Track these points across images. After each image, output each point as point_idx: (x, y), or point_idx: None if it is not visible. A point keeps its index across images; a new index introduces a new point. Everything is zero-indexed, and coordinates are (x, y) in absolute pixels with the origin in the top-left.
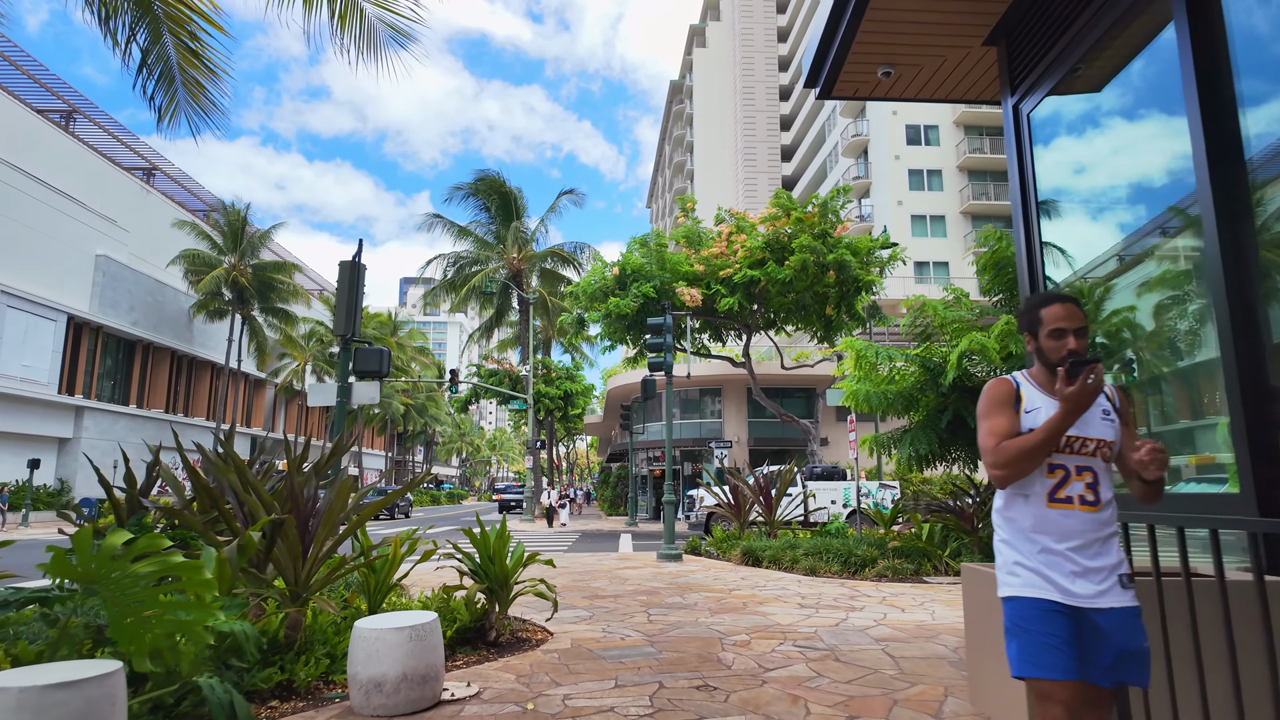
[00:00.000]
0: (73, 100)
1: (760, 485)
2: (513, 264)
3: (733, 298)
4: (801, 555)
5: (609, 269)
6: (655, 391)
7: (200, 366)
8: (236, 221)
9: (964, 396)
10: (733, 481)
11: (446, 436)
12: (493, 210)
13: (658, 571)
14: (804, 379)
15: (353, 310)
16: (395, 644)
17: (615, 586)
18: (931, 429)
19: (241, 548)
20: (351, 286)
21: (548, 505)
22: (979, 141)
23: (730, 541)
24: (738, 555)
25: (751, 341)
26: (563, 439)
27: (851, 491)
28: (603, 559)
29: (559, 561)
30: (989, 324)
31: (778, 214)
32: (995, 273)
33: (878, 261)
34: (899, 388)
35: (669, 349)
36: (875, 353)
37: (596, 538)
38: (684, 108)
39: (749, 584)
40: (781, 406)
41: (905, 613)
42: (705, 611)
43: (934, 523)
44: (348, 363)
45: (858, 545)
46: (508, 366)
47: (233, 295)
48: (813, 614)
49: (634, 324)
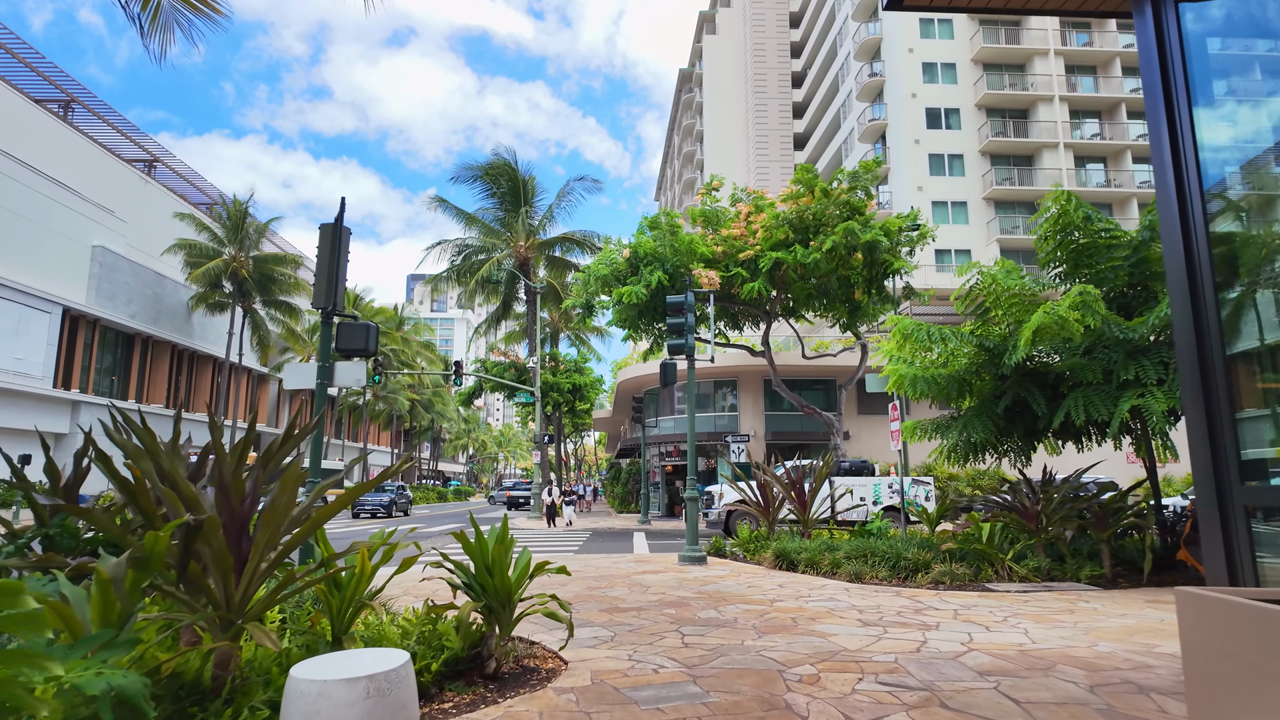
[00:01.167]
0: (72, 90)
1: (792, 480)
2: (520, 252)
3: (755, 282)
4: (843, 558)
5: (620, 251)
6: (674, 377)
7: (202, 361)
8: (237, 213)
9: (1026, 379)
10: (761, 477)
11: (454, 433)
12: (500, 196)
13: (682, 577)
14: (824, 370)
15: (334, 280)
16: (345, 703)
17: (637, 596)
18: (987, 415)
19: (139, 561)
20: (333, 253)
21: (549, 503)
22: (1002, 125)
23: (759, 542)
24: (769, 558)
25: (770, 329)
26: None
27: (883, 488)
28: (618, 561)
29: (570, 565)
30: (1048, 299)
31: (800, 191)
32: (1059, 240)
33: (907, 242)
34: (950, 371)
35: (690, 329)
36: (926, 333)
37: (608, 537)
38: (693, 96)
39: (790, 593)
40: (801, 399)
41: (992, 632)
42: (750, 630)
43: (994, 522)
44: (329, 339)
45: (906, 547)
46: (514, 358)
47: (234, 288)
48: (881, 635)
49: (645, 311)
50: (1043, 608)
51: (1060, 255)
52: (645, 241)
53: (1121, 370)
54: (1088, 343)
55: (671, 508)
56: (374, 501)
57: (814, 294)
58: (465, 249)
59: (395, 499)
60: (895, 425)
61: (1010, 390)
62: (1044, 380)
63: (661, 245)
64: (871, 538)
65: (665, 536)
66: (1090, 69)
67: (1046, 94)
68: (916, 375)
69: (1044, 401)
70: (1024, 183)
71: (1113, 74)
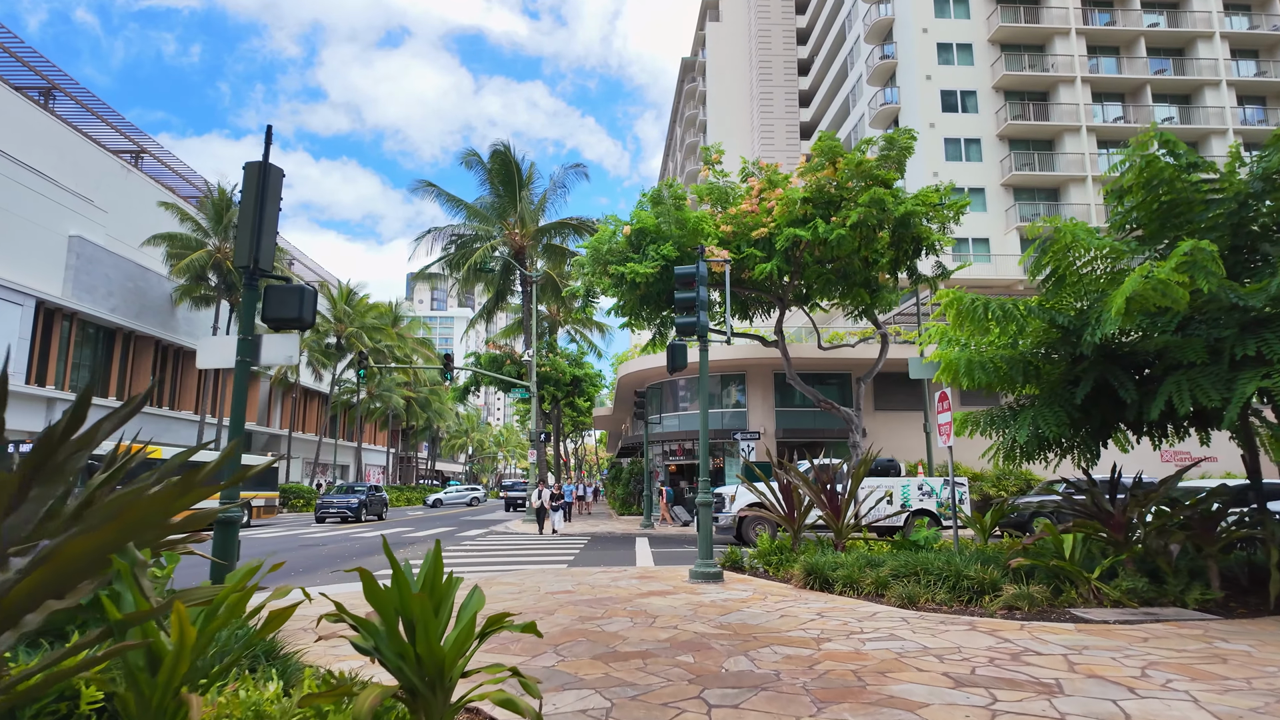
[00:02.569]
0: (55, 78)
1: (822, 481)
2: (515, 240)
3: (770, 263)
4: (889, 576)
5: (621, 228)
6: (684, 361)
7: (187, 357)
8: (221, 202)
9: (1108, 362)
10: (784, 477)
11: (451, 432)
12: (495, 182)
13: (697, 601)
14: (839, 363)
15: (258, 230)
16: None
17: (641, 633)
18: (1060, 405)
19: None
20: (258, 199)
21: (539, 506)
22: (1021, 108)
23: (783, 555)
24: (798, 574)
25: (784, 318)
26: (570, 433)
27: (912, 489)
28: (618, 578)
29: (560, 582)
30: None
31: (819, 163)
32: (1146, 194)
33: (940, 216)
34: (1015, 353)
35: (703, 305)
36: (985, 307)
37: (608, 543)
38: (696, 85)
39: (837, 625)
40: (817, 393)
41: (1144, 699)
42: (803, 698)
43: (1075, 532)
44: (253, 307)
45: (966, 563)
46: (509, 351)
47: (219, 281)
48: (991, 704)
49: (649, 297)
50: (1176, 651)
51: (1140, 215)
52: (646, 218)
53: (1237, 346)
54: (1181, 317)
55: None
56: (340, 503)
57: (832, 279)
58: (458, 238)
59: (367, 500)
60: (945, 418)
61: (1089, 375)
62: (1130, 363)
63: (665, 222)
64: (919, 550)
65: (670, 543)
66: (1113, 49)
67: (1067, 75)
68: (972, 359)
69: (1133, 387)
70: (1044, 168)
71: (1136, 54)
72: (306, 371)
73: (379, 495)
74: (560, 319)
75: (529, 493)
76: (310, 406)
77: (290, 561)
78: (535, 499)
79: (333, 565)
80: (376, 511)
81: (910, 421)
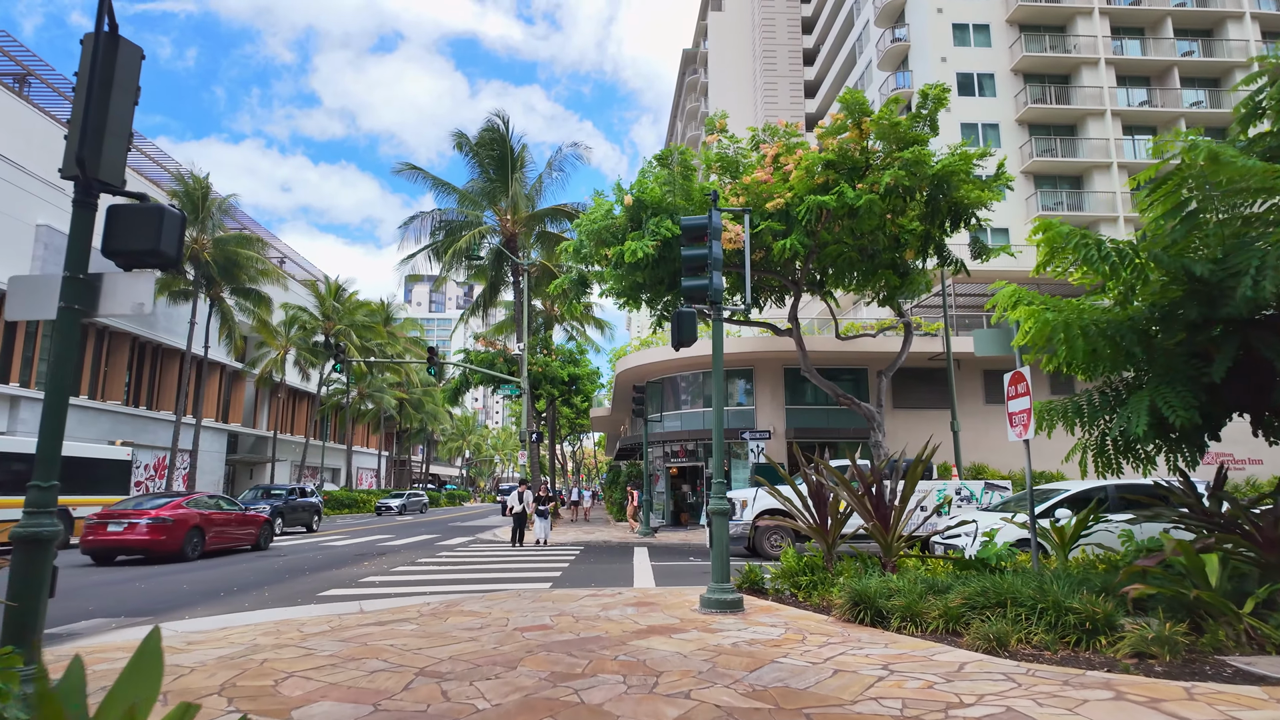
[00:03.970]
0: (30, 64)
1: (867, 483)
2: (507, 226)
3: (790, 238)
4: (963, 608)
5: (619, 199)
6: (693, 333)
7: (168, 355)
8: (197, 189)
9: (1250, 328)
10: (815, 478)
11: (447, 435)
12: (485, 164)
13: (714, 645)
14: (856, 357)
15: (98, 127)
16: None
17: (637, 705)
18: (1182, 383)
19: None
20: (96, 82)
21: (517, 511)
22: (1041, 91)
23: (816, 575)
24: (841, 604)
25: (799, 304)
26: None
27: (949, 494)
28: (610, 604)
29: (536, 612)
30: None
31: (842, 124)
32: None
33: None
34: (1126, 315)
35: (716, 264)
36: (1098, 246)
37: (602, 554)
38: (698, 78)
39: (919, 690)
40: (836, 387)
41: None
42: None
43: (1214, 553)
44: (87, 231)
45: (1067, 591)
46: (501, 348)
47: (196, 273)
48: None
49: (649, 283)
50: None
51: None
52: (650, 188)
53: None
54: None
55: (677, 515)
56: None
57: (854, 258)
58: (446, 224)
59: (285, 508)
60: (1020, 406)
61: (1228, 344)
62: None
63: (671, 191)
64: (990, 571)
65: (673, 554)
66: (1138, 30)
67: (1090, 57)
68: (1071, 322)
69: None
70: (1066, 154)
71: (1163, 35)
72: (293, 371)
73: (303, 502)
74: (557, 315)
75: (509, 497)
76: (300, 407)
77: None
78: (515, 502)
79: (224, 593)
80: (303, 522)
81: (931, 420)
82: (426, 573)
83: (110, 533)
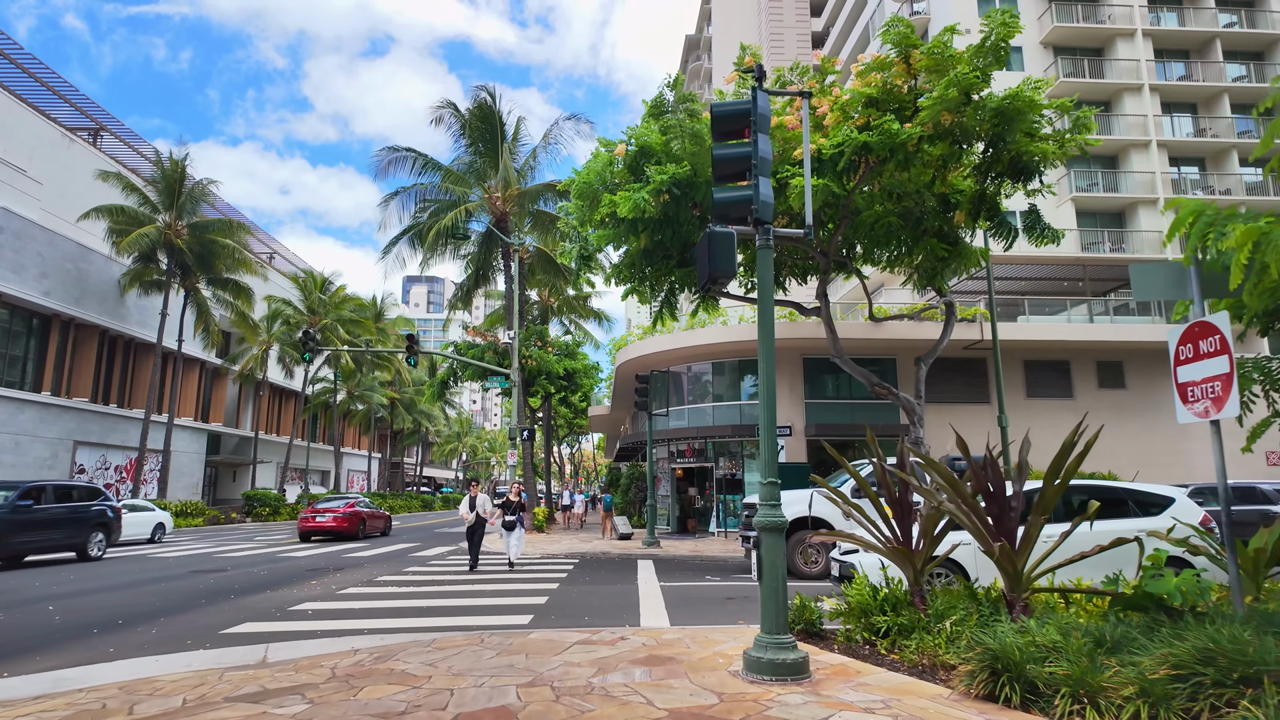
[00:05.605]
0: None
1: (978, 486)
2: (496, 205)
3: (821, 179)
4: (1167, 680)
5: (617, 146)
6: (729, 263)
7: (142, 350)
8: (174, 173)
9: None
10: (896, 478)
11: (443, 436)
12: (474, 138)
13: None
14: (885, 345)
15: None
16: None
17: None
18: None
19: None
20: None
21: (471, 523)
22: (1073, 65)
23: (901, 617)
24: (964, 667)
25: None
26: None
27: None
28: (607, 664)
29: (497, 678)
30: None
31: (889, 59)
32: None
33: (1043, 138)
34: None
35: (764, 167)
36: None
37: (599, 571)
38: (701, 64)
39: None
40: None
41: None
42: None
43: None
44: None
45: None
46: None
47: (170, 262)
48: None
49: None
50: None
51: None
52: (652, 135)
53: None
54: None
55: (684, 522)
56: None
57: (895, 223)
58: (431, 202)
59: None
60: (1210, 369)
61: None
62: None
63: (677, 140)
64: (1178, 614)
65: (685, 571)
66: (1175, 1)
67: (1126, 28)
68: None
69: None
70: (1100, 132)
71: (1204, 5)
72: (277, 368)
73: (97, 508)
74: (553, 305)
75: (462, 505)
76: (285, 407)
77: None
78: (466, 510)
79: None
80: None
81: (969, 415)
82: (378, 597)
83: None
